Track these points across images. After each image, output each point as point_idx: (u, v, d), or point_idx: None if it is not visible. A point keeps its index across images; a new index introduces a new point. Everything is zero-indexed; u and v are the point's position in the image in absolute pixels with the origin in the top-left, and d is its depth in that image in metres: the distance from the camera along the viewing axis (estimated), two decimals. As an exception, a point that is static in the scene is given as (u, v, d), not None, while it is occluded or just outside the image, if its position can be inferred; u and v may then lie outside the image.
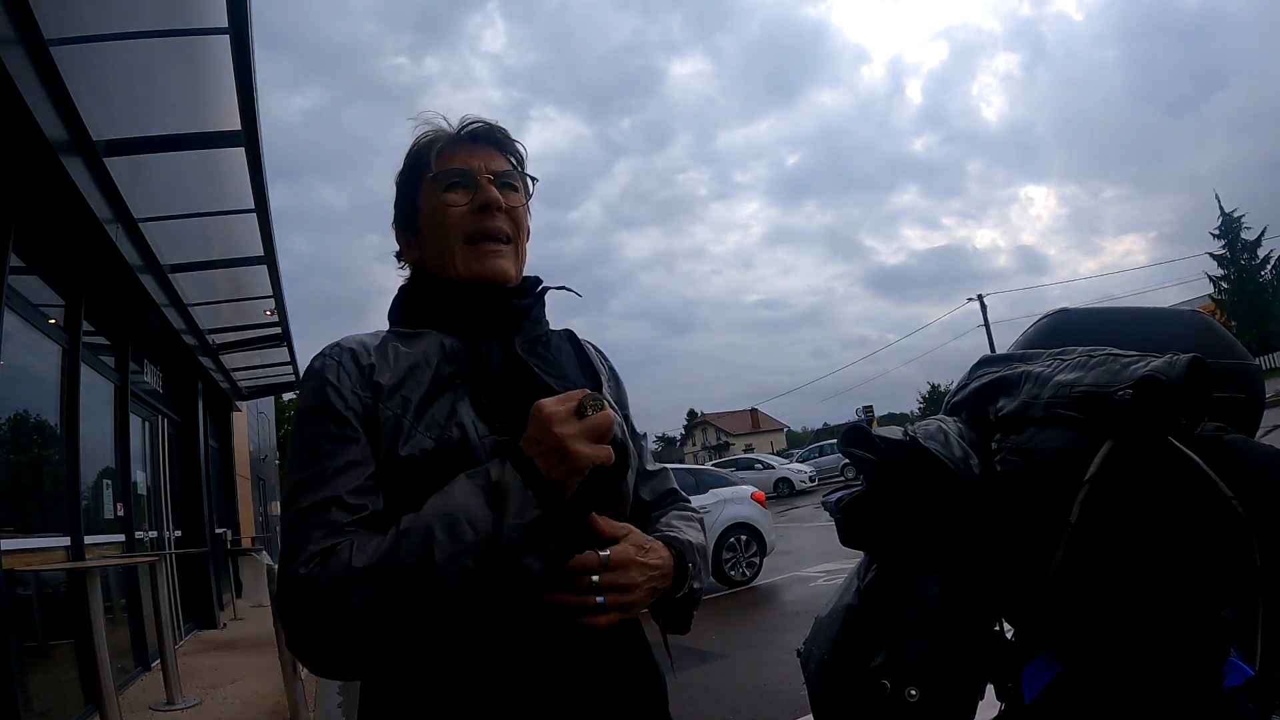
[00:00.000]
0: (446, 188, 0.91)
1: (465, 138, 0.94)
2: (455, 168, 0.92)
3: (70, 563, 3.95)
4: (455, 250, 0.90)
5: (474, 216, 0.90)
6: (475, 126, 0.95)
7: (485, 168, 0.93)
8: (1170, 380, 0.82)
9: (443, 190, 0.91)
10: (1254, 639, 0.87)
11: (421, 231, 0.94)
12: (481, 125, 0.95)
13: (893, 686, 0.91)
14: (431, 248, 0.93)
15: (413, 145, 0.96)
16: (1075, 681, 0.90)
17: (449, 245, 0.91)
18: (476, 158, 0.93)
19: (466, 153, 0.93)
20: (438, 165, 0.92)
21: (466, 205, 0.91)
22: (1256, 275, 28.73)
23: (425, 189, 0.93)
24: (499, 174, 0.93)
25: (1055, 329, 1.14)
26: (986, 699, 1.03)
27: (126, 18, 3.38)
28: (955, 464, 0.92)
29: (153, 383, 6.68)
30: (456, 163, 0.92)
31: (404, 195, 0.96)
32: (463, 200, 0.91)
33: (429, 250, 0.93)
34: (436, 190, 0.91)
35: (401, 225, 0.97)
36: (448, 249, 0.91)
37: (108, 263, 4.27)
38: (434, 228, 0.92)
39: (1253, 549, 0.81)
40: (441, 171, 0.91)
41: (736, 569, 7.55)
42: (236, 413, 11.04)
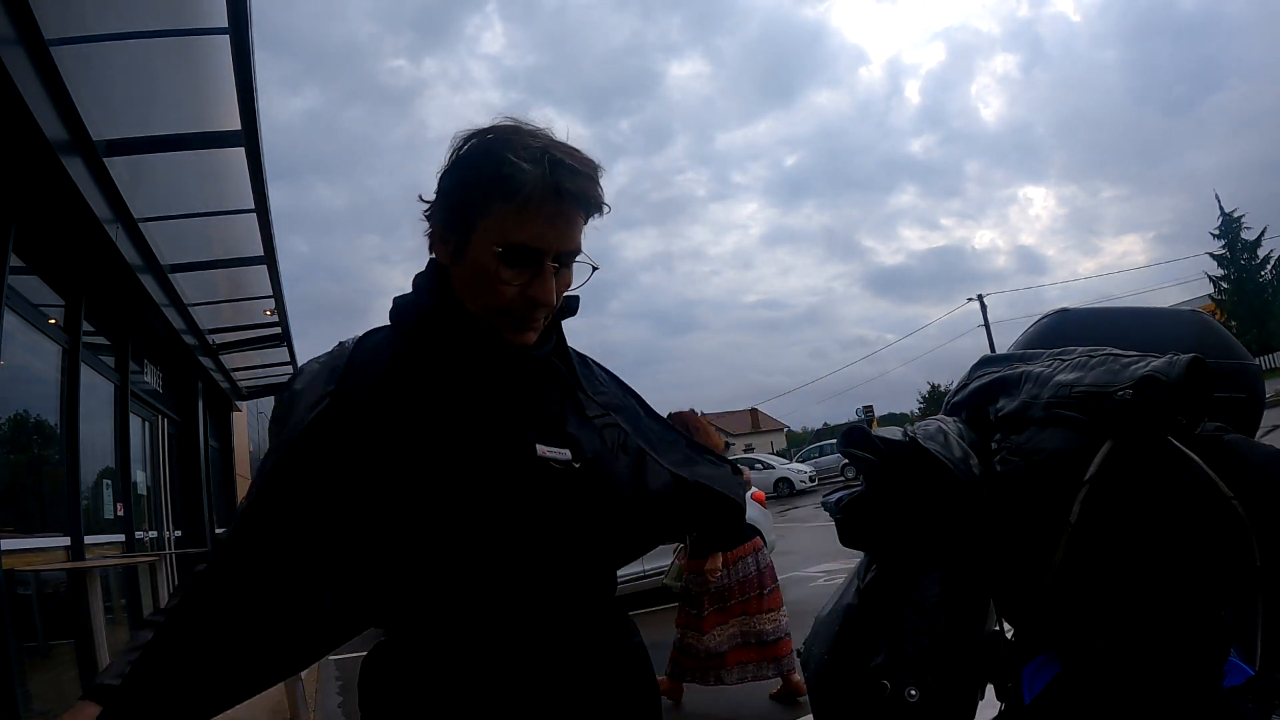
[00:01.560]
0: (509, 261, 0.81)
1: (555, 192, 0.80)
2: (526, 242, 0.81)
3: (70, 563, 3.95)
4: (492, 314, 0.85)
5: (522, 301, 0.83)
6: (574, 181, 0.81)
7: (557, 246, 0.82)
8: (1170, 380, 0.82)
9: (502, 262, 0.81)
10: (1254, 639, 0.87)
11: (467, 262, 0.84)
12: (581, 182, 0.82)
13: (893, 686, 0.91)
14: (467, 286, 0.85)
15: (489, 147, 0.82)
16: (1075, 681, 0.90)
17: (487, 306, 0.84)
18: (554, 229, 0.82)
19: (547, 217, 0.81)
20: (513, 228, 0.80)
21: (519, 287, 0.82)
22: (1256, 275, 28.71)
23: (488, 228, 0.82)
24: (565, 256, 0.84)
25: (1055, 329, 1.14)
26: (986, 699, 1.03)
27: (126, 18, 3.38)
28: (955, 464, 0.92)
29: (153, 383, 6.67)
30: (530, 232, 0.81)
31: (460, 199, 0.83)
32: (518, 279, 0.82)
33: (464, 281, 0.85)
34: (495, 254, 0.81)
35: (447, 222, 0.86)
36: (484, 305, 0.84)
37: (108, 263, 4.27)
38: (478, 282, 0.84)
39: (1253, 549, 0.81)
40: (514, 245, 0.81)
41: (736, 569, 7.54)
42: (236, 413, 11.04)
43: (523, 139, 0.81)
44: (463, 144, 0.84)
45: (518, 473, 0.81)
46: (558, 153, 0.81)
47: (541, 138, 0.83)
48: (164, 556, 5.50)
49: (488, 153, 0.81)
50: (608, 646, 0.87)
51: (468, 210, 0.83)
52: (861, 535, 1.03)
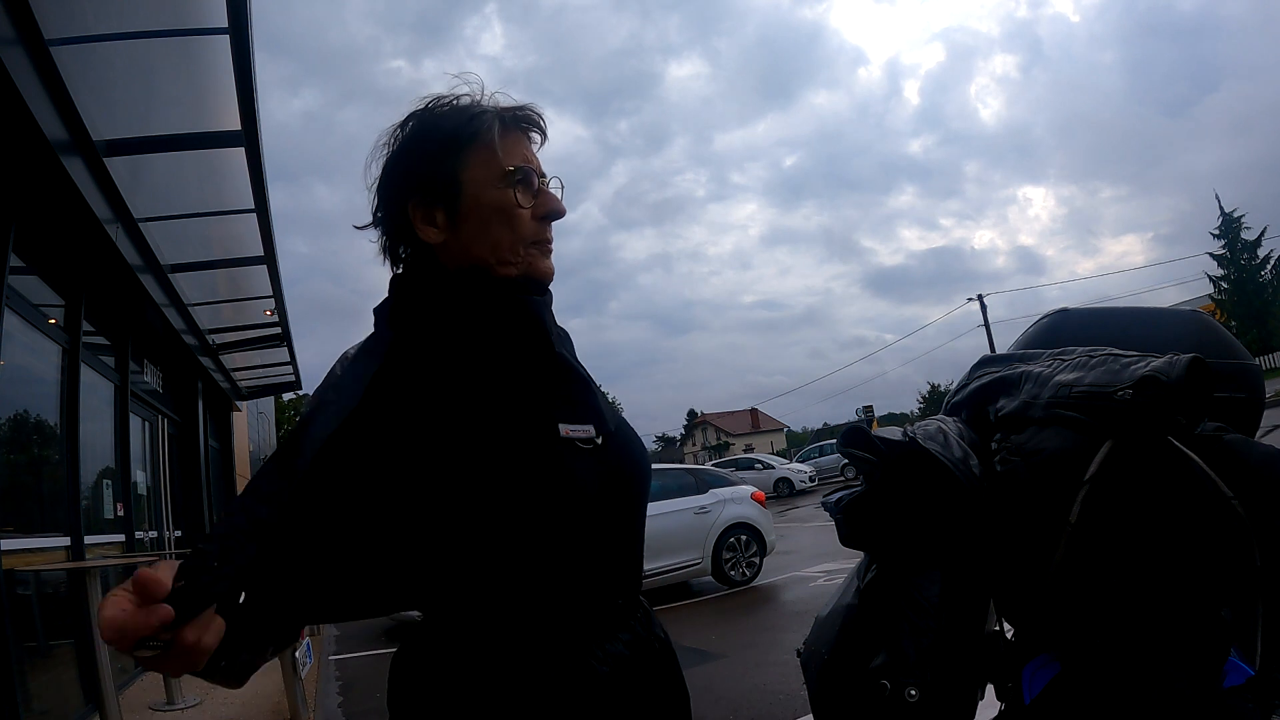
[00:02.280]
0: (516, 183, 0.83)
1: (519, 122, 0.86)
2: (522, 165, 0.84)
3: (70, 563, 3.95)
4: (520, 250, 0.84)
5: (537, 223, 0.85)
6: (527, 112, 0.87)
7: (539, 166, 0.87)
8: (1171, 380, 0.82)
9: (514, 186, 0.83)
10: (1254, 639, 0.87)
11: (465, 218, 0.83)
12: (532, 111, 0.88)
13: (893, 686, 0.91)
14: (482, 240, 0.83)
15: (438, 112, 0.85)
16: (1075, 681, 0.90)
17: (512, 244, 0.84)
18: (529, 151, 0.87)
19: (523, 145, 0.87)
20: (506, 157, 0.84)
21: (531, 209, 0.85)
22: (1256, 275, 28.72)
23: (479, 170, 0.83)
24: (544, 175, 0.88)
25: (1055, 329, 1.14)
26: (986, 699, 1.03)
27: (126, 18, 3.38)
28: (955, 464, 0.92)
29: (153, 383, 6.67)
30: (518, 156, 0.85)
31: (435, 163, 0.83)
32: (529, 201, 0.85)
33: (474, 240, 0.83)
34: (503, 183, 0.83)
35: (427, 196, 0.84)
36: (508, 247, 0.83)
37: (108, 263, 4.27)
38: (495, 222, 0.83)
39: (1253, 549, 0.81)
40: (515, 166, 0.83)
41: (736, 569, 7.55)
42: (236, 413, 11.04)
43: (456, 98, 0.86)
44: (401, 128, 0.86)
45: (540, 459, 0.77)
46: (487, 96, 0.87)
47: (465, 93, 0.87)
48: (164, 556, 5.49)
49: (441, 116, 0.85)
50: (639, 641, 0.84)
51: (447, 169, 0.83)
52: (861, 535, 1.03)
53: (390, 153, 0.86)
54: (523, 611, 0.77)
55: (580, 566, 0.79)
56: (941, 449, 0.93)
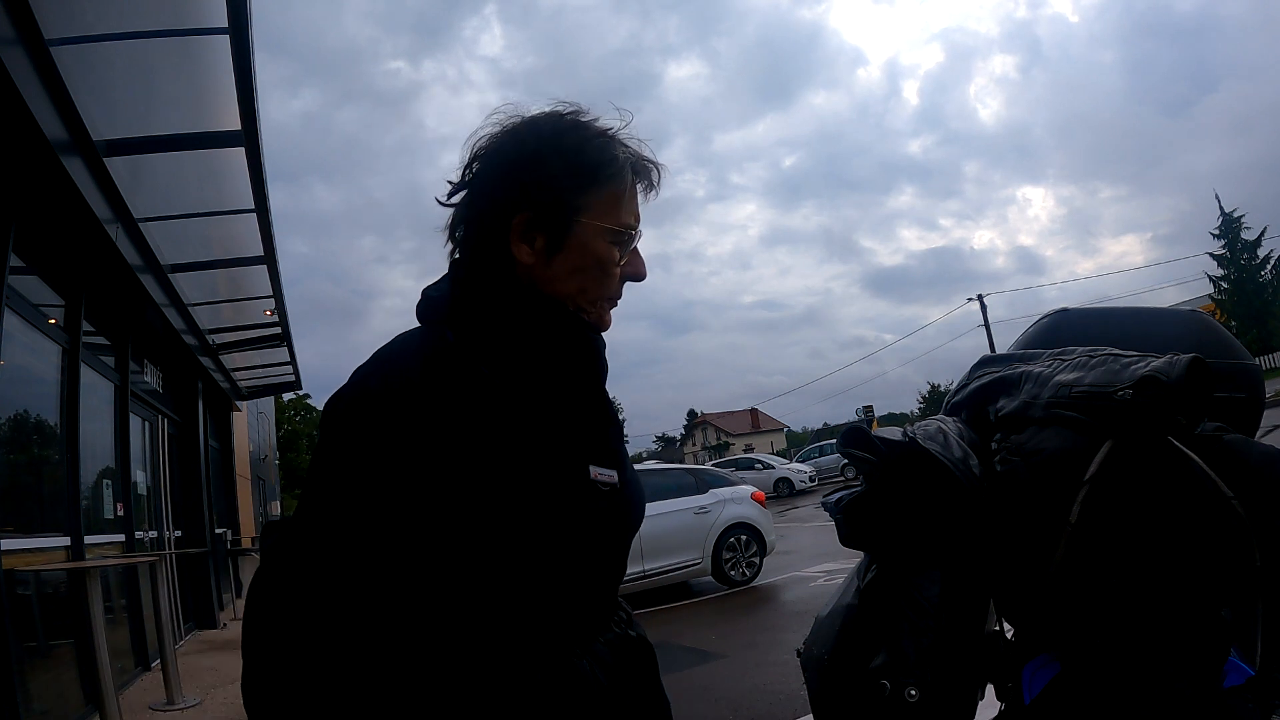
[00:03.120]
0: (624, 243, 0.83)
1: (644, 175, 0.86)
2: (632, 224, 0.84)
3: (70, 563, 3.95)
4: (599, 303, 0.84)
5: (619, 282, 0.85)
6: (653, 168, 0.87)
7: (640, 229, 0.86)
8: (1171, 380, 0.82)
9: (618, 243, 0.83)
10: (1254, 639, 0.87)
11: (566, 255, 0.80)
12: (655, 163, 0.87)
13: (893, 686, 0.91)
14: (571, 281, 0.81)
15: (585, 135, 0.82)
16: (1075, 681, 0.90)
17: (596, 296, 0.83)
18: (638, 209, 0.86)
19: (636, 200, 0.86)
20: (625, 214, 0.83)
21: (621, 267, 0.84)
22: (1256, 275, 28.72)
23: (598, 215, 0.81)
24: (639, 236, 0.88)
25: (1055, 329, 1.14)
26: (986, 699, 1.03)
27: (126, 18, 3.38)
28: (955, 464, 0.92)
29: (153, 383, 6.67)
30: (634, 214, 0.85)
31: (560, 189, 0.80)
32: (619, 259, 0.84)
33: (561, 276, 0.81)
34: (611, 239, 0.82)
35: (537, 215, 0.80)
36: (592, 297, 0.83)
37: (108, 263, 4.27)
38: (590, 271, 0.81)
39: (1253, 549, 0.81)
40: (627, 227, 0.83)
41: (736, 569, 7.55)
42: (236, 413, 11.04)
43: (603, 126, 0.83)
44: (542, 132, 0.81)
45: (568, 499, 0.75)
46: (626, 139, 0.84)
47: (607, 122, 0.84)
48: (164, 556, 5.50)
49: (586, 141, 0.81)
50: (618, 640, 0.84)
51: (571, 201, 0.80)
52: (861, 535, 1.03)
53: (522, 152, 0.81)
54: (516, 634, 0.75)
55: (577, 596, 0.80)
56: (941, 449, 0.93)
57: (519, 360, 0.77)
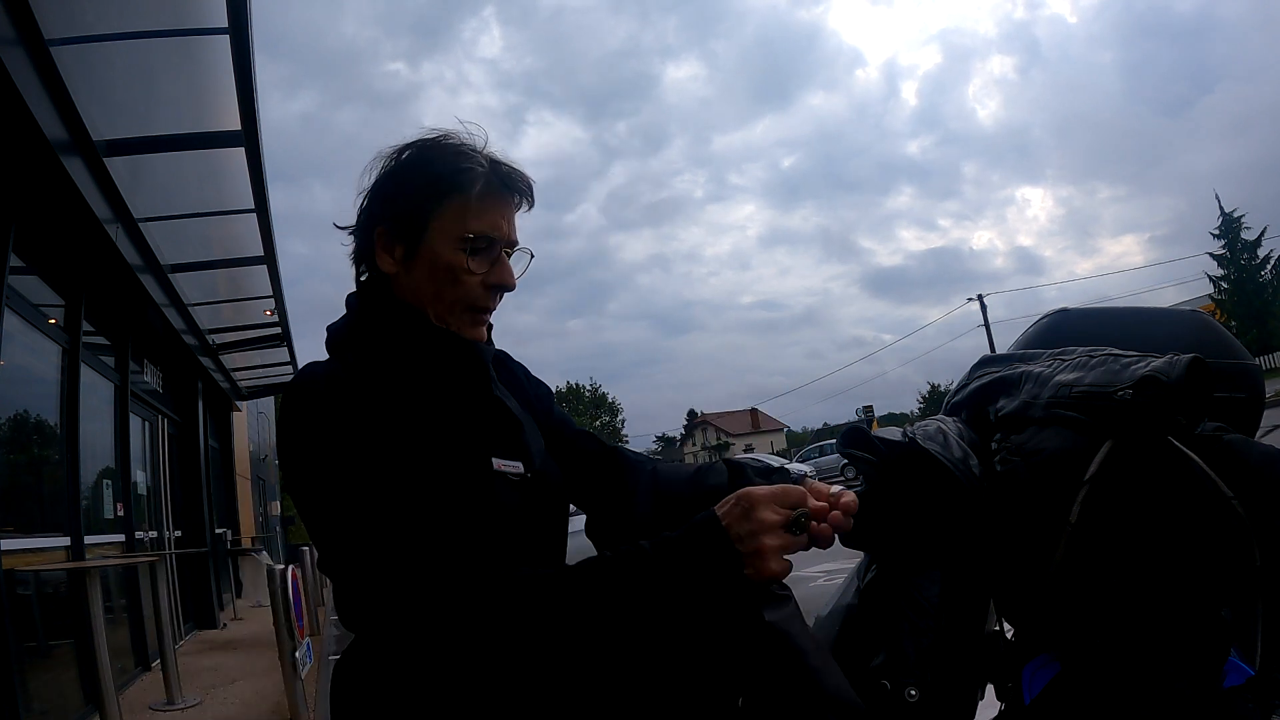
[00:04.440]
0: (474, 250, 0.86)
1: (504, 186, 0.89)
2: (485, 232, 0.87)
3: (70, 563, 3.95)
4: (455, 311, 0.88)
5: (483, 290, 0.88)
6: (516, 176, 0.90)
7: (508, 236, 0.89)
8: (1171, 380, 0.82)
9: (469, 252, 0.86)
10: (1254, 639, 0.87)
11: (419, 262, 0.87)
12: (522, 176, 0.90)
13: (893, 687, 0.91)
14: (425, 287, 0.88)
15: (438, 146, 0.88)
16: (1075, 681, 0.90)
17: (449, 303, 0.88)
18: (505, 220, 0.89)
19: (500, 210, 0.89)
20: (475, 219, 0.86)
21: (483, 276, 0.87)
22: (1256, 275, 28.72)
23: (446, 225, 0.86)
24: (512, 245, 0.91)
25: (1055, 329, 1.14)
26: (986, 699, 1.03)
27: (126, 18, 3.38)
28: (954, 465, 0.92)
29: (153, 383, 6.68)
30: (489, 222, 0.87)
31: (411, 202, 0.87)
32: (481, 268, 0.87)
33: (420, 283, 0.88)
34: (461, 246, 0.86)
35: (394, 229, 0.88)
36: (446, 305, 0.88)
37: (108, 263, 4.27)
38: (441, 278, 0.87)
39: (1253, 549, 0.81)
40: (479, 233, 0.86)
41: (736, 569, 7.54)
42: (236, 413, 11.05)
43: (462, 143, 0.89)
44: (399, 155, 0.89)
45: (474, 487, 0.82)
46: (494, 153, 0.90)
47: (474, 142, 0.89)
48: (164, 556, 5.50)
49: (436, 155, 0.87)
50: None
51: (420, 210, 0.86)
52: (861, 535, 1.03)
53: (382, 172, 0.89)
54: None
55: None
56: (941, 449, 0.93)
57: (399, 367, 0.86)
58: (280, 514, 19.62)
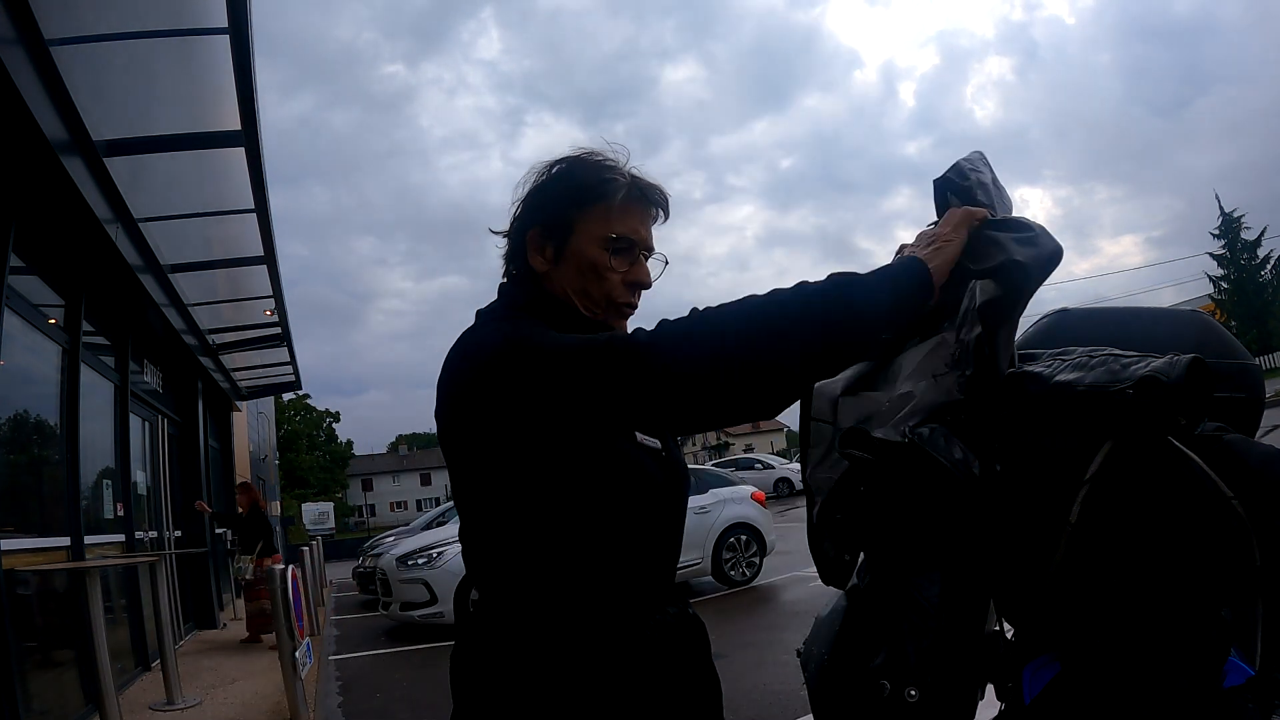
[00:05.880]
0: (616, 250, 0.96)
1: (643, 196, 0.99)
2: (627, 234, 0.97)
3: (70, 563, 3.95)
4: (600, 305, 0.98)
5: (624, 288, 0.98)
6: (655, 190, 1.00)
7: (646, 240, 0.99)
8: (1171, 380, 0.82)
9: (611, 251, 0.96)
10: (1254, 639, 0.87)
11: (566, 260, 0.97)
12: (660, 191, 1.00)
13: (892, 687, 0.91)
14: (573, 283, 0.97)
15: (586, 160, 0.98)
16: (1075, 681, 0.90)
17: (595, 298, 0.97)
18: (644, 226, 0.99)
19: (639, 216, 0.99)
20: (617, 222, 0.96)
21: (623, 274, 0.97)
22: (1256, 275, 28.71)
23: (591, 226, 0.96)
24: (650, 249, 1.01)
25: (1055, 329, 1.14)
26: (986, 699, 1.03)
27: (126, 18, 3.38)
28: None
29: (153, 383, 6.67)
30: (629, 226, 0.97)
31: (560, 206, 0.97)
32: (622, 267, 0.97)
33: (567, 280, 0.97)
34: (604, 245, 0.96)
35: (545, 230, 0.98)
36: (592, 299, 0.97)
37: (108, 263, 4.27)
38: (587, 274, 0.97)
39: (1253, 549, 0.81)
40: (621, 234, 0.96)
41: (736, 569, 7.55)
42: (236, 413, 11.04)
43: (608, 158, 0.99)
44: (552, 167, 1.00)
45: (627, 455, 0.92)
46: (635, 169, 1.00)
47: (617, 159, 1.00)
48: (164, 556, 5.50)
49: (582, 168, 0.98)
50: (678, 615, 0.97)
51: (569, 213, 0.97)
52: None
53: (534, 184, 1.00)
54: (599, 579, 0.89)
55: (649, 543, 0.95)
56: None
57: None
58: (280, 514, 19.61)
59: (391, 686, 5.09)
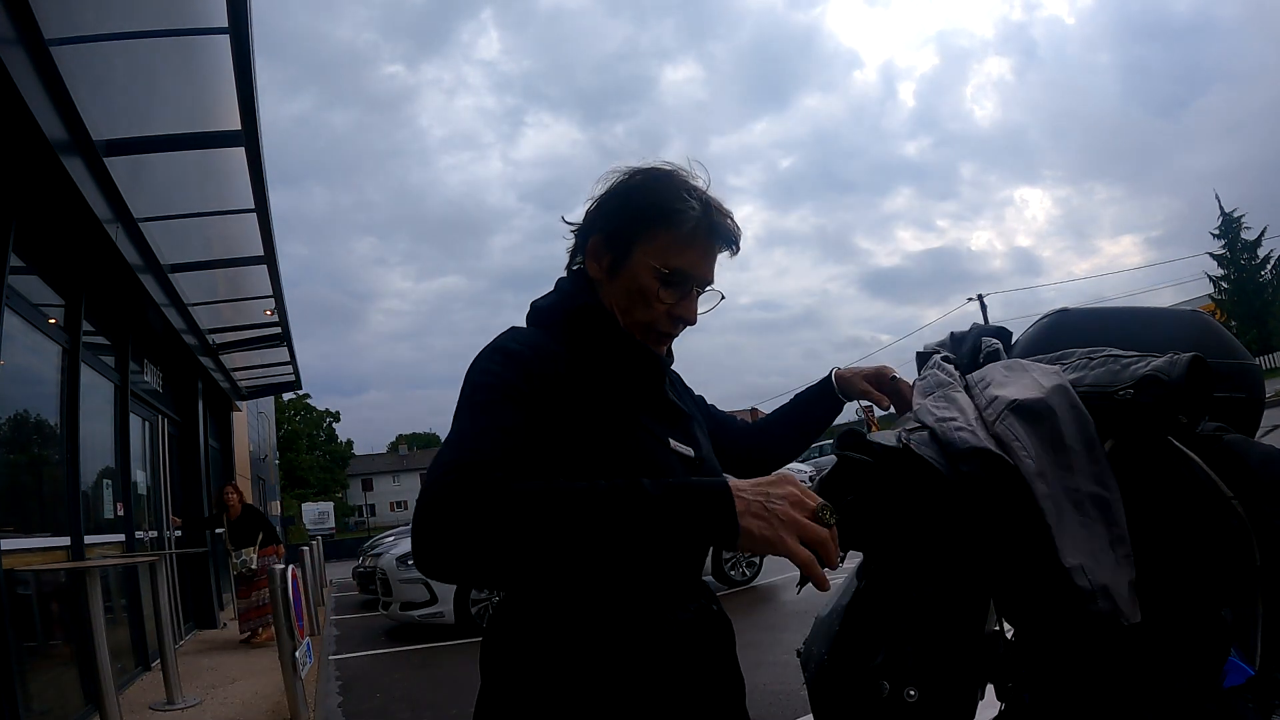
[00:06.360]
0: (666, 282, 0.96)
1: (711, 232, 0.97)
2: (683, 269, 0.96)
3: (70, 563, 3.95)
4: (639, 329, 0.98)
5: (668, 319, 0.98)
6: (725, 226, 0.98)
7: (703, 277, 0.99)
8: (1171, 380, 0.82)
9: (662, 283, 0.96)
10: (1254, 639, 0.87)
11: (619, 277, 0.98)
12: (729, 228, 0.99)
13: (892, 687, 0.91)
14: (620, 300, 0.98)
15: (663, 179, 0.97)
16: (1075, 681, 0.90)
17: (636, 321, 0.98)
18: (704, 263, 0.98)
19: (701, 251, 0.97)
20: (674, 255, 0.95)
21: (669, 306, 0.97)
22: (1256, 275, 28.70)
23: (650, 251, 0.96)
24: (706, 284, 1.00)
25: (1055, 329, 1.14)
26: (986, 699, 1.03)
27: (126, 18, 3.38)
28: (948, 470, 0.91)
29: (153, 383, 6.67)
30: (688, 261, 0.96)
31: (625, 222, 0.97)
32: (670, 299, 0.97)
33: (616, 296, 0.98)
34: (656, 275, 0.95)
35: (607, 241, 0.98)
36: (633, 321, 0.98)
37: (108, 263, 4.27)
38: (634, 297, 0.97)
39: (1253, 549, 0.81)
40: (675, 269, 0.95)
41: (736, 569, 7.55)
42: (236, 413, 11.04)
43: (686, 182, 0.97)
44: (629, 176, 0.99)
45: (657, 460, 0.94)
46: (712, 198, 0.98)
47: (699, 183, 0.99)
48: (164, 556, 5.50)
49: (659, 187, 0.96)
50: (702, 611, 0.98)
51: (632, 232, 0.96)
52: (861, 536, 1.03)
53: (609, 188, 1.00)
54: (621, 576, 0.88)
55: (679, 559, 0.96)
56: (936, 454, 0.93)
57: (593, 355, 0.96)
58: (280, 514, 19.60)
59: (391, 686, 5.09)
